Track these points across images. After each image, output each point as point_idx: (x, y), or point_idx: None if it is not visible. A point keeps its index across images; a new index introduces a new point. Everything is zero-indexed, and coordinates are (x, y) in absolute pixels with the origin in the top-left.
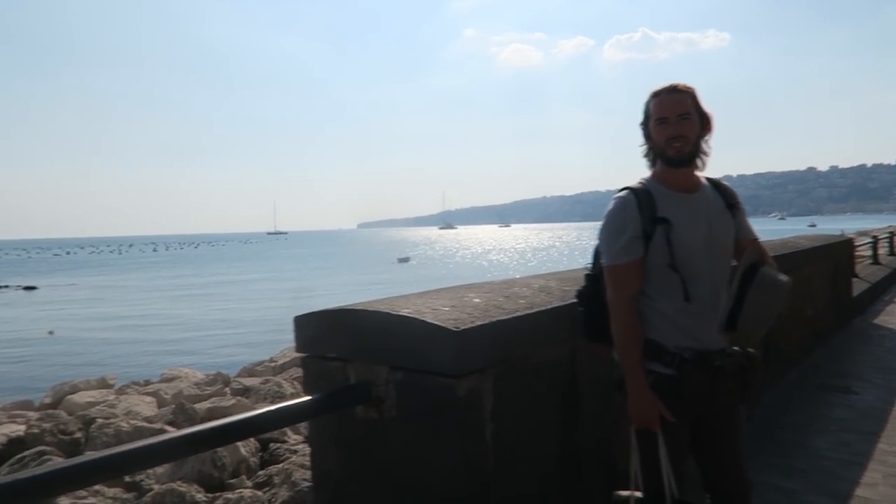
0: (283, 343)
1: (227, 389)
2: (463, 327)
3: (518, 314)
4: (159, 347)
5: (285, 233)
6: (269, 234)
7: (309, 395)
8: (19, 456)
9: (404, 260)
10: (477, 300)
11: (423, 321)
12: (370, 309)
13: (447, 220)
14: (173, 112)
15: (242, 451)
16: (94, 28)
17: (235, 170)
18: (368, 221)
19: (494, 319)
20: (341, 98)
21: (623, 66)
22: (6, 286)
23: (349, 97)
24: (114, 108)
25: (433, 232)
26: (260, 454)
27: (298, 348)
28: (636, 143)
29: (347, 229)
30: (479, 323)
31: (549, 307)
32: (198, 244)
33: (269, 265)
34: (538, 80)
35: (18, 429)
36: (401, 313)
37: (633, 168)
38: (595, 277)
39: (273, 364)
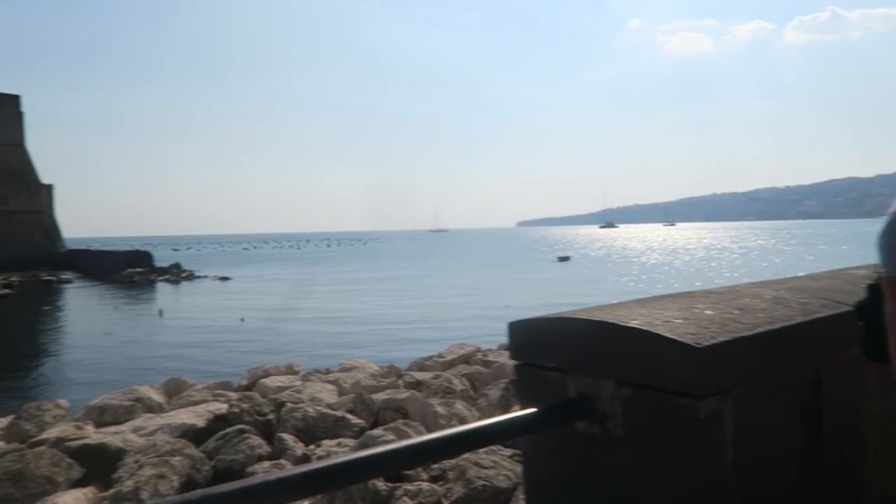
0: (448, 340)
1: (401, 382)
2: (704, 343)
3: (760, 330)
4: (334, 339)
5: (447, 230)
6: (431, 231)
7: (524, 404)
8: (223, 432)
9: (564, 259)
10: (709, 312)
11: (658, 334)
12: (595, 318)
13: (608, 219)
14: (341, 113)
15: None
16: (256, 36)
17: (400, 169)
18: (527, 220)
19: (737, 335)
20: (501, 96)
21: (807, 49)
22: (205, 276)
23: (509, 95)
24: (282, 110)
25: (593, 230)
26: None
27: (512, 355)
28: (821, 132)
29: (506, 227)
30: (720, 339)
31: (791, 323)
32: (366, 241)
33: (433, 262)
34: (708, 70)
35: (221, 407)
36: (631, 324)
37: (818, 162)
38: (879, 288)
39: (442, 360)
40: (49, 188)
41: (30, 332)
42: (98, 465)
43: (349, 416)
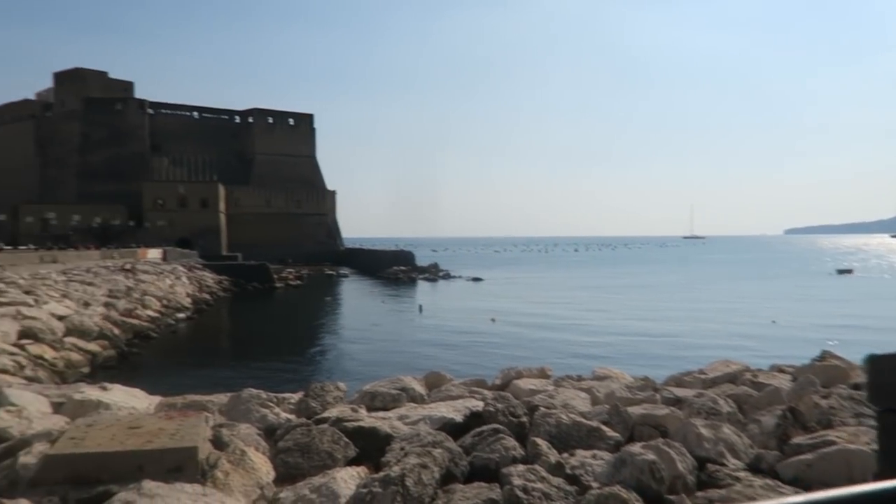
0: (705, 356)
1: (658, 397)
2: None
3: None
4: (581, 347)
5: (702, 237)
6: (684, 238)
7: (891, 460)
8: (479, 430)
9: (845, 271)
10: None
11: None
12: None
13: None
14: (594, 116)
15: (679, 466)
16: (510, 45)
17: (653, 173)
18: (797, 227)
19: None
20: (773, 93)
21: None
22: (459, 276)
23: (777, 90)
24: (536, 116)
25: (883, 240)
26: (697, 473)
27: (873, 397)
28: None
29: (772, 235)
30: None
31: None
32: (615, 246)
33: (687, 270)
34: None
35: (477, 404)
36: None
37: None
38: None
39: (703, 377)
40: (332, 193)
41: (315, 318)
42: (369, 447)
43: (604, 427)
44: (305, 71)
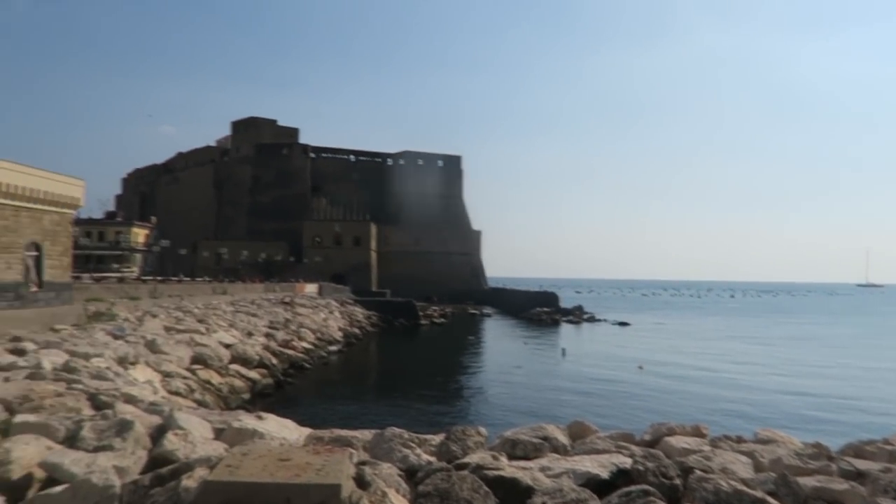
0: (890, 425)
1: (833, 467)
2: None
3: None
4: (738, 404)
5: (880, 286)
6: (859, 285)
7: None
8: (627, 490)
9: None
10: None
11: None
12: None
13: None
14: (754, 155)
15: None
16: (669, 85)
17: (821, 213)
18: None
19: None
20: None
21: None
22: (605, 320)
23: None
24: (700, 156)
25: None
26: None
27: None
28: None
29: None
30: None
31: None
32: (776, 293)
33: (862, 322)
34: None
35: (625, 461)
36: None
37: None
38: None
39: (889, 448)
40: (478, 233)
41: (457, 356)
42: (509, 498)
43: (770, 498)
44: (456, 113)
